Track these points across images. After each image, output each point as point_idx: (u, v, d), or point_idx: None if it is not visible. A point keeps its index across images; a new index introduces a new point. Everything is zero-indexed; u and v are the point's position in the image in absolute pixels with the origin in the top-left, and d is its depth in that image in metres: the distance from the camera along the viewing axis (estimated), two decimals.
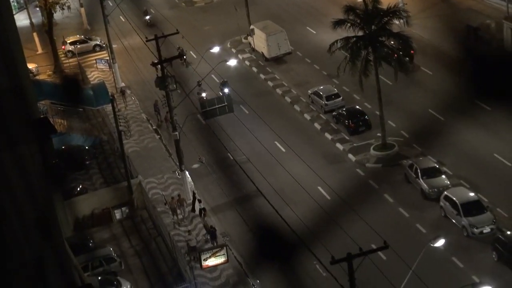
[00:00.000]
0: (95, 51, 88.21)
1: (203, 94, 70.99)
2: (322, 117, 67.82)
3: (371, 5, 59.12)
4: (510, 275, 46.22)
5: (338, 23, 60.49)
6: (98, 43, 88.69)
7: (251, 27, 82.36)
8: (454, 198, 51.42)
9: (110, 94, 69.33)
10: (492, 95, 59.53)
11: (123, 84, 79.21)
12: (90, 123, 72.81)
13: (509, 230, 48.96)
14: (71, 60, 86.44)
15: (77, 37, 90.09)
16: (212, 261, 48.97)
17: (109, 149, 68.05)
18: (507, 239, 47.46)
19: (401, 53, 62.83)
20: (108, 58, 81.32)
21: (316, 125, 66.81)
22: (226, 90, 68.39)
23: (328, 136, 64.78)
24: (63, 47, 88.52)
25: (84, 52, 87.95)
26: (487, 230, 49.66)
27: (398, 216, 53.35)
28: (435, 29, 77.16)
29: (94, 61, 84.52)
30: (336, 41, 60.43)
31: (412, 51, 67.00)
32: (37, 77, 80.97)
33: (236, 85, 71.86)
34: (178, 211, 56.20)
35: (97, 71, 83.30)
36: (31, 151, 20.14)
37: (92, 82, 79.25)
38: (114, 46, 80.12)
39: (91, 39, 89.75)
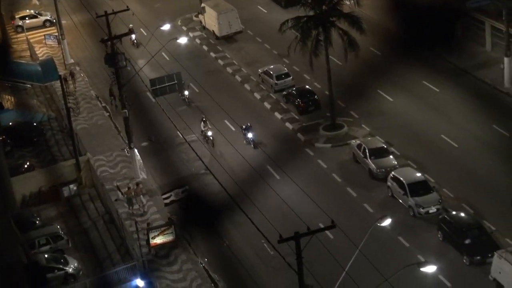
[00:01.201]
0: (46, 27, 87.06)
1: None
2: (272, 96, 67.89)
3: None
4: (455, 254, 46.86)
5: (289, 3, 60.49)
6: (48, 18, 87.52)
7: (202, 5, 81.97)
8: (401, 178, 51.90)
9: (62, 76, 68.40)
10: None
11: (72, 61, 78.46)
12: (38, 99, 72.03)
13: (454, 210, 49.64)
14: (19, 35, 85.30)
15: (26, 12, 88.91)
16: (160, 239, 48.90)
17: (57, 126, 67.42)
18: (452, 219, 48.09)
19: None
20: (57, 34, 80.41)
21: (266, 104, 66.88)
22: (250, 135, 60.11)
23: (278, 115, 64.90)
24: (12, 21, 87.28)
25: (34, 27, 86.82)
26: (433, 210, 50.22)
27: (346, 196, 53.74)
28: (384, 9, 77.33)
29: (43, 37, 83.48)
30: (287, 20, 60.47)
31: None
32: None
33: (186, 63, 71.56)
34: (136, 205, 54.75)
35: (45, 47, 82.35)
36: None
37: (40, 58, 78.39)
38: (63, 22, 79.25)
39: (41, 14, 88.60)
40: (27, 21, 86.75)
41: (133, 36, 75.81)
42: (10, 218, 44.48)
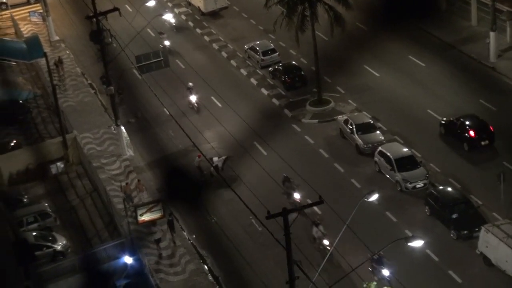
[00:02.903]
0: (30, 3, 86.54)
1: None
2: (259, 72, 67.82)
3: None
4: (442, 229, 47.08)
5: None
6: None
7: None
8: (388, 154, 52.01)
9: (53, 62, 68.12)
10: None
11: (57, 38, 78.06)
12: (23, 77, 71.73)
13: (441, 185, 49.83)
14: (4, 12, 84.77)
15: None
16: (148, 216, 48.87)
17: (44, 103, 67.21)
18: (439, 193, 48.27)
19: None
20: (42, 10, 79.98)
21: (253, 80, 66.82)
22: (385, 273, 43.12)
23: (264, 91, 64.87)
24: None
25: (19, 4, 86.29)
26: (420, 185, 50.38)
27: (333, 171, 53.83)
28: None
29: (28, 14, 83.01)
30: None
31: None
32: None
33: (172, 39, 71.31)
34: (136, 199, 52.92)
35: (30, 24, 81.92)
36: None
37: (25, 35, 77.97)
38: None
39: None
40: None
41: (193, 99, 62.90)
42: None
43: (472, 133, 53.27)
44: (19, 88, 68.80)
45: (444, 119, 55.66)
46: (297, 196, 48.02)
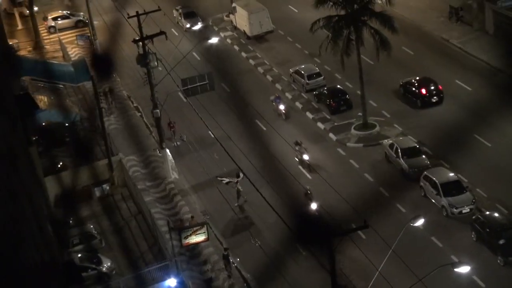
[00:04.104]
0: (78, 27, 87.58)
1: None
2: (304, 96, 67.80)
3: None
4: (488, 255, 46.54)
5: (320, 2, 60.29)
6: (81, 19, 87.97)
7: (233, 5, 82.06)
8: (434, 178, 51.61)
9: (101, 91, 68.82)
10: None
11: None
12: (70, 99, 72.45)
13: (488, 211, 49.27)
14: (52, 35, 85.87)
15: (59, 13, 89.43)
16: (192, 239, 48.94)
17: (90, 126, 67.74)
18: (486, 219, 47.75)
19: None
20: (89, 34, 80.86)
21: (298, 104, 66.79)
22: None
23: (309, 115, 64.80)
24: (45, 22, 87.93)
25: (67, 28, 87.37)
26: (466, 210, 49.88)
27: (378, 196, 53.47)
28: (417, 9, 77.24)
29: (75, 37, 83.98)
30: (318, 20, 60.31)
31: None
32: (18, 53, 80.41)
33: (217, 63, 71.64)
34: None
35: (77, 47, 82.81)
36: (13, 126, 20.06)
37: (72, 59, 78.81)
38: (95, 22, 79.69)
39: (73, 15, 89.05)
40: (60, 22, 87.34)
41: (282, 106, 63.30)
42: (46, 218, 44.74)
43: (423, 91, 62.71)
44: (66, 110, 69.41)
45: (403, 81, 64.23)
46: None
